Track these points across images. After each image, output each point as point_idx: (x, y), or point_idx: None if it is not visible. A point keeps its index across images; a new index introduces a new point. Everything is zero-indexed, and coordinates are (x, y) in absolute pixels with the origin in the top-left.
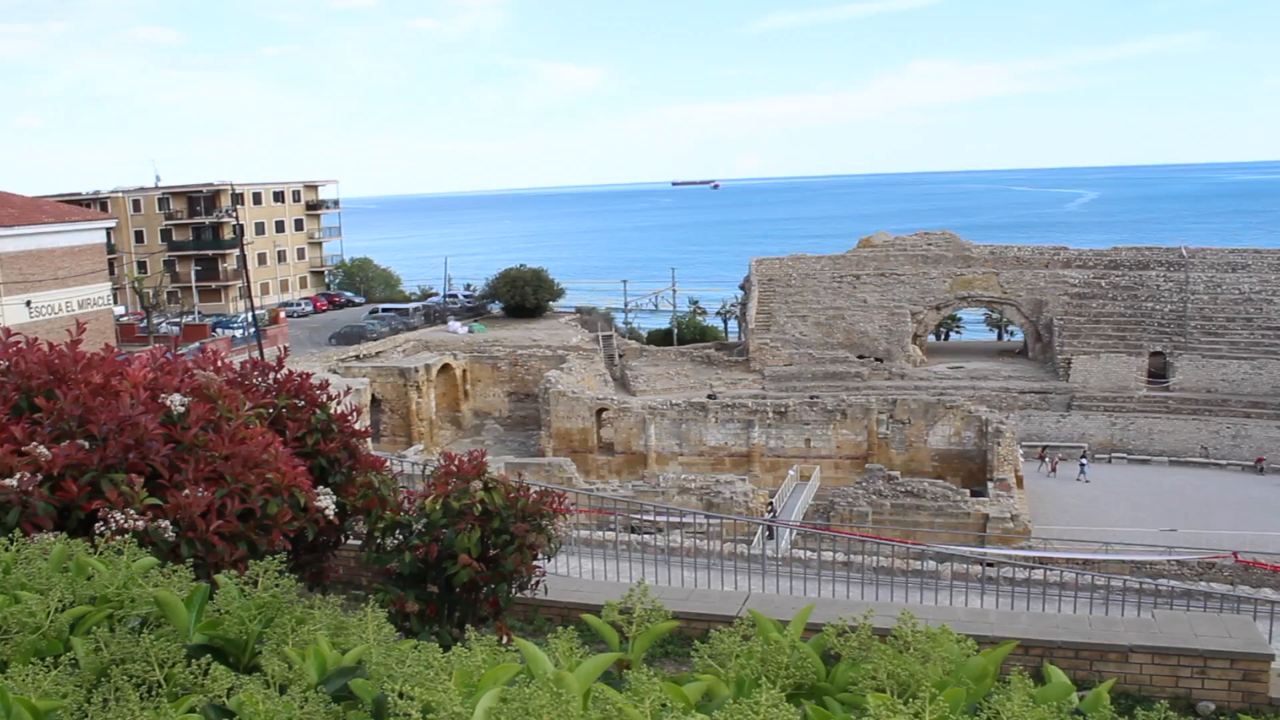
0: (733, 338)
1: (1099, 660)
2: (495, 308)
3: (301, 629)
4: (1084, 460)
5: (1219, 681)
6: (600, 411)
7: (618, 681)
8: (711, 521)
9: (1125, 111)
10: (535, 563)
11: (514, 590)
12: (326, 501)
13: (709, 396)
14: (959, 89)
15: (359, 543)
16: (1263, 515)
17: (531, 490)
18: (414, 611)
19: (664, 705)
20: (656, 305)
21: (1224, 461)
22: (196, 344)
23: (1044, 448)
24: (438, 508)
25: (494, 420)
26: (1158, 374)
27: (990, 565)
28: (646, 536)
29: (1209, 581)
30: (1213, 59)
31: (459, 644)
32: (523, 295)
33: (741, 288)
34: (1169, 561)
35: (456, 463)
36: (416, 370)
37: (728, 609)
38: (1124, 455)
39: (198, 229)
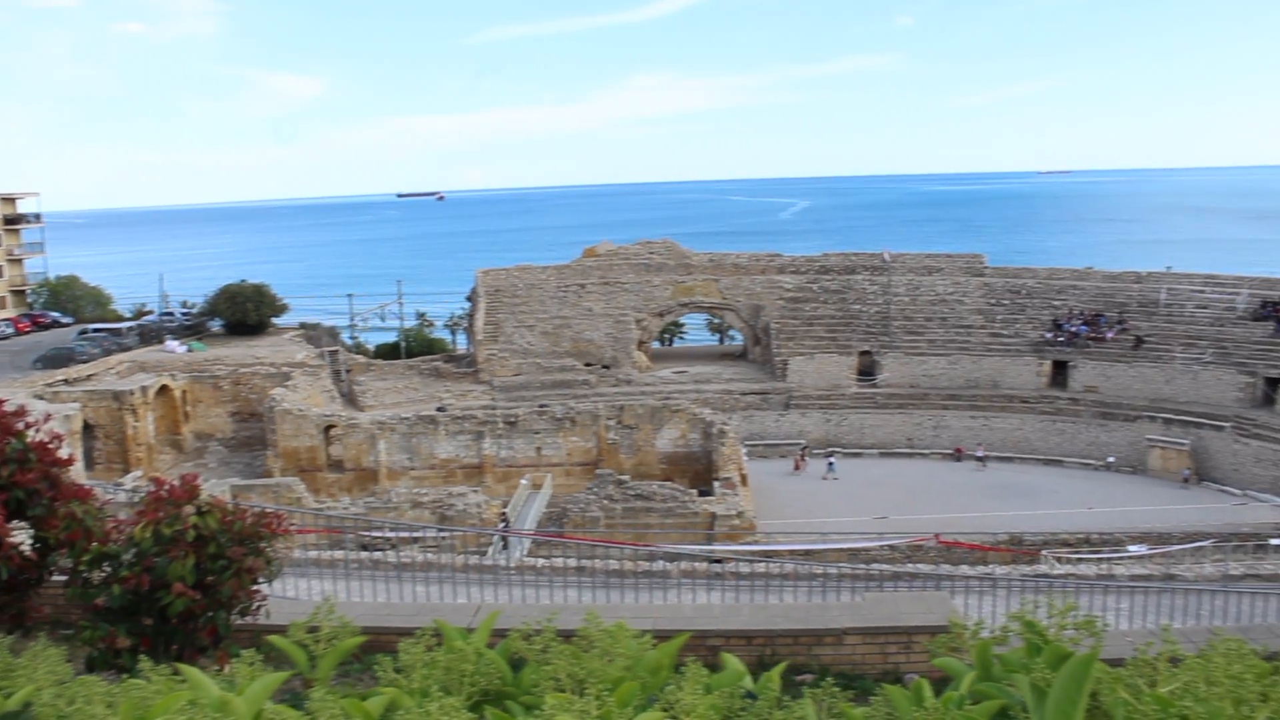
0: (461, 349)
1: (816, 644)
2: (215, 325)
3: None
4: (832, 459)
5: (921, 654)
6: (328, 429)
7: (301, 700)
8: (444, 535)
9: (831, 125)
10: (256, 587)
11: (234, 617)
12: (21, 537)
13: (439, 409)
14: (676, 102)
15: (67, 578)
16: (961, 498)
17: (249, 512)
18: (125, 647)
19: None
20: (383, 318)
21: (927, 451)
22: None
23: (804, 447)
24: (148, 536)
25: (217, 442)
26: (867, 372)
27: (718, 562)
28: (379, 554)
29: (916, 563)
30: (907, 78)
31: (129, 675)
32: (244, 312)
33: (468, 299)
34: (880, 547)
35: (167, 488)
36: (132, 393)
37: (425, 621)
38: (839, 449)
39: None
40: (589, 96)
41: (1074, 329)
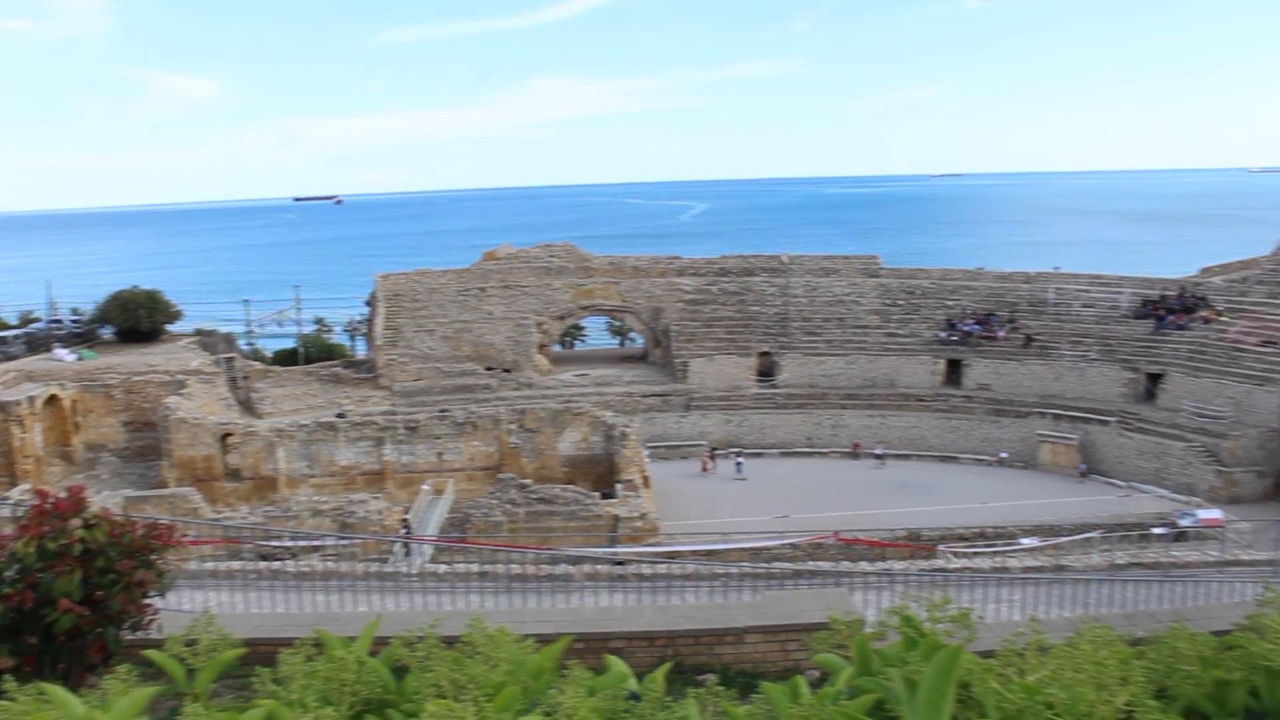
0: (361, 355)
1: (718, 644)
2: (107, 333)
3: None
4: (740, 460)
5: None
6: (225, 437)
7: (176, 716)
8: (345, 543)
9: (730, 129)
10: (147, 601)
11: (125, 633)
12: None
13: (338, 415)
14: (576, 106)
15: None
16: (861, 496)
17: (139, 524)
18: (8, 668)
19: None
20: (281, 324)
21: (826, 450)
22: None
23: (712, 448)
24: (31, 551)
25: (110, 453)
26: (766, 373)
27: (621, 564)
28: (278, 563)
29: (816, 561)
30: (805, 83)
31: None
32: (136, 318)
33: (368, 304)
34: (782, 545)
35: (52, 500)
36: (18, 403)
37: (327, 630)
38: (739, 450)
39: None
40: (490, 100)
41: (967, 328)
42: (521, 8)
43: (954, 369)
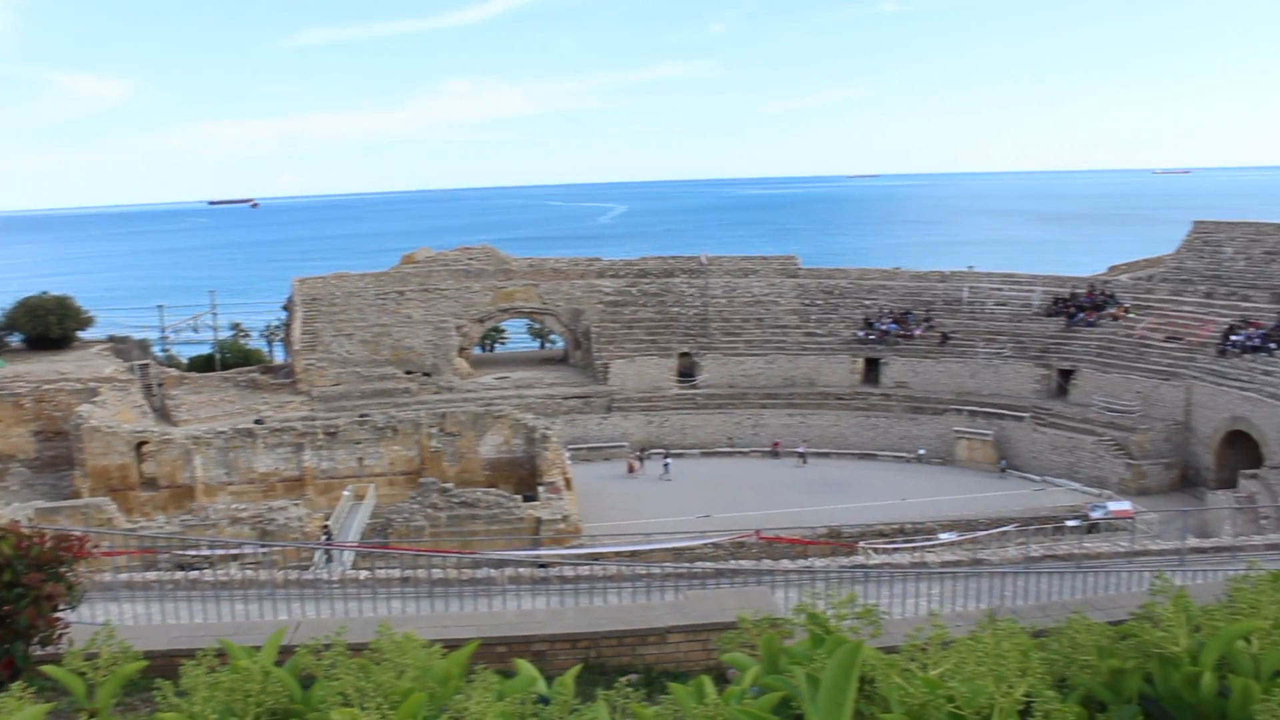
0: (279, 360)
1: (640, 644)
2: (15, 340)
3: None
4: (667, 460)
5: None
6: (140, 445)
7: None
8: (265, 550)
9: (648, 131)
10: (57, 614)
11: (34, 648)
12: None
13: (256, 422)
14: (494, 108)
15: None
16: (782, 494)
17: (47, 536)
18: None
19: None
20: (196, 330)
21: (747, 449)
22: None
23: (641, 449)
24: None
25: (20, 463)
26: (686, 373)
27: (544, 566)
28: (196, 573)
29: (739, 560)
30: (722, 85)
31: None
32: (46, 325)
33: (285, 308)
34: (704, 545)
35: None
36: None
37: (239, 639)
38: (661, 450)
39: None
40: (406, 102)
41: (884, 327)
42: (438, 9)
43: (872, 367)
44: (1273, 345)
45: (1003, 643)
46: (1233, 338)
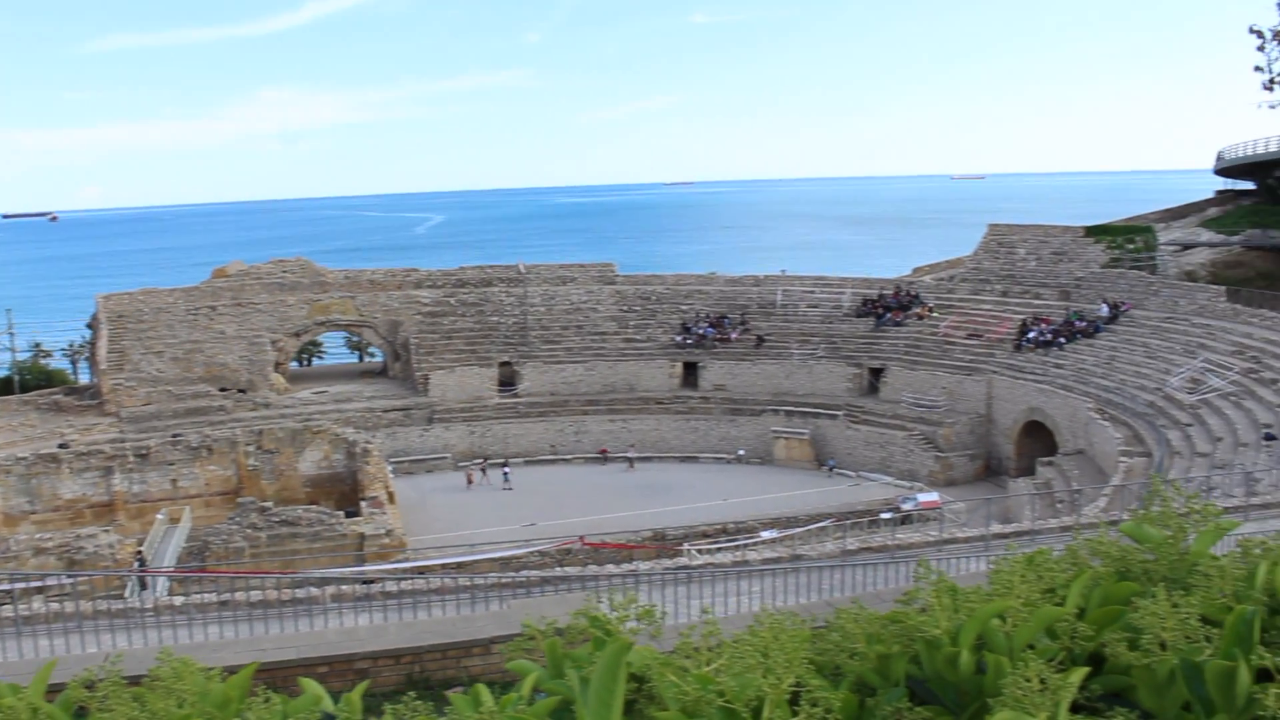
0: (84, 381)
1: (465, 656)
2: None
3: None
4: (506, 470)
5: None
6: None
7: None
8: (72, 580)
9: (464, 140)
10: None
11: None
12: None
13: (60, 446)
14: (307, 117)
15: None
16: (607, 500)
17: None
18: None
19: None
20: None
21: (570, 456)
22: None
23: (483, 460)
24: None
25: None
26: (507, 382)
27: (369, 582)
28: None
29: (565, 567)
30: (538, 93)
31: None
32: None
33: (89, 326)
34: (530, 553)
35: None
36: None
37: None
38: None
39: None
40: (218, 111)
41: (701, 331)
42: (251, 16)
43: (690, 371)
44: (1063, 340)
45: (778, 636)
46: (1027, 334)
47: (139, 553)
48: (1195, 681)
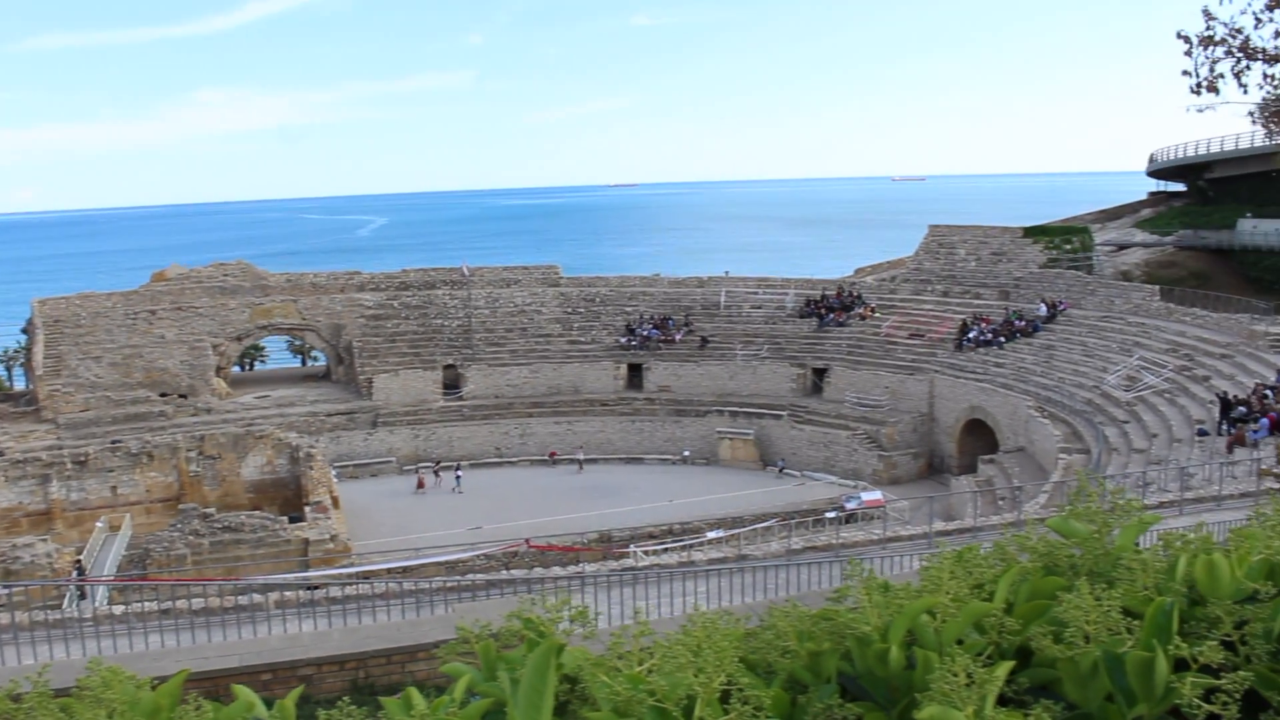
0: (20, 387)
1: (410, 661)
2: None
3: None
4: (459, 473)
5: None
6: None
7: None
8: (7, 591)
9: (407, 142)
10: None
11: None
12: None
13: None
14: (249, 119)
15: None
16: (554, 501)
17: None
18: None
19: None
20: None
21: (515, 459)
22: None
23: (436, 463)
24: None
25: None
26: (452, 385)
27: (313, 588)
28: None
29: (511, 569)
30: (481, 96)
31: None
32: None
33: (24, 332)
34: (476, 557)
35: None
36: None
37: None
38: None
39: None
40: (155, 112)
41: (645, 333)
42: (187, 15)
43: (635, 373)
44: (1003, 339)
45: (711, 636)
46: (968, 333)
47: (78, 562)
48: (1117, 673)
